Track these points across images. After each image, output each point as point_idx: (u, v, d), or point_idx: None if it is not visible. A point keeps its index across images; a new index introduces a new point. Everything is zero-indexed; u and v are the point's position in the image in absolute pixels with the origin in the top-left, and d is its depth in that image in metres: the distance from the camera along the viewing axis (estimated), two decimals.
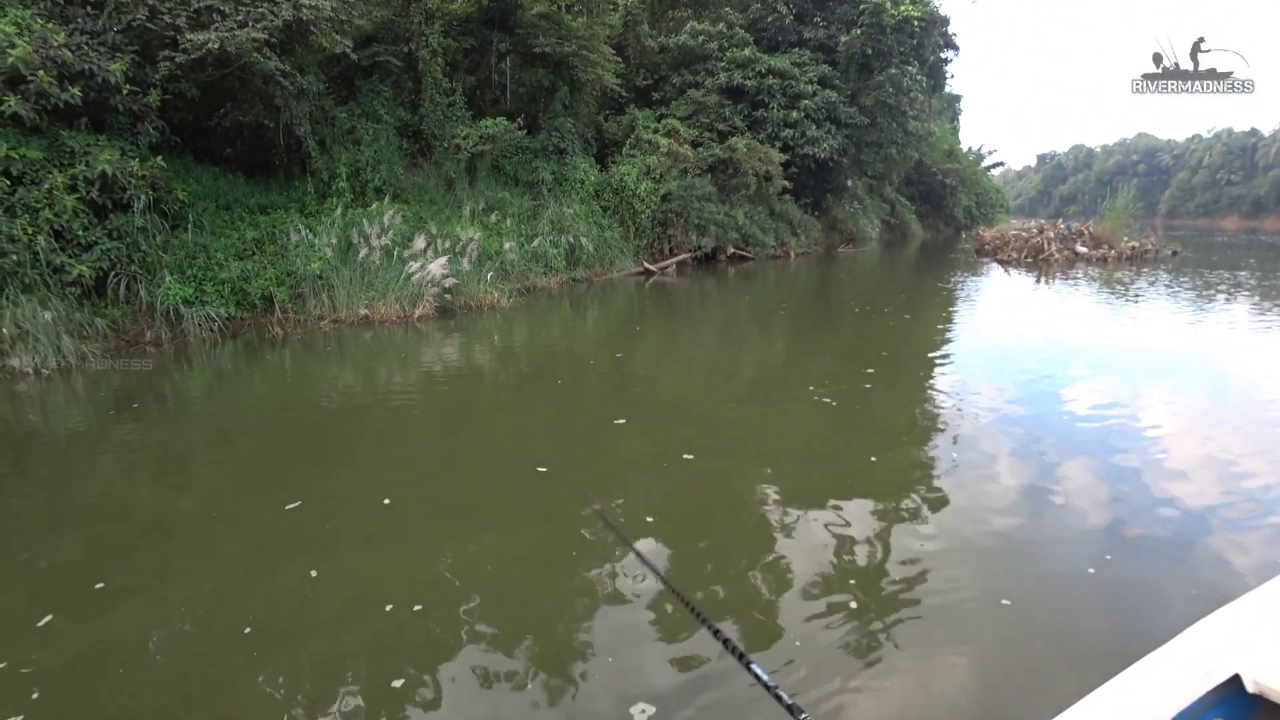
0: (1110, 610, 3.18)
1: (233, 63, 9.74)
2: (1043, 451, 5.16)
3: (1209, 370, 7.89)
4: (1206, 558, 3.64)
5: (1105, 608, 3.22)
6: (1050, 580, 3.49)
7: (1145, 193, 72.26)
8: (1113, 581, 3.41)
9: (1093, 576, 3.45)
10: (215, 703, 2.68)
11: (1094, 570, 3.50)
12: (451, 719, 2.60)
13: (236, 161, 12.29)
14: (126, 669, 2.86)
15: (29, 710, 2.58)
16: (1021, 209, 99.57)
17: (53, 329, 7.74)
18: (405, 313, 10.75)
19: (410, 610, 3.20)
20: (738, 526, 4.14)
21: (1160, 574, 3.52)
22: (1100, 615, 3.17)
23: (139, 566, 3.70)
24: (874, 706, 2.61)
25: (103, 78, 8.61)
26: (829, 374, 7.75)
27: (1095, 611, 3.20)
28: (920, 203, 41.27)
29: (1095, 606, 3.24)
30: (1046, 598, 3.34)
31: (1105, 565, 3.54)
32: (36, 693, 2.67)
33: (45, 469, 5.19)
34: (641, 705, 2.58)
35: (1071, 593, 3.36)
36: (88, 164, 8.42)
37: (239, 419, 6.54)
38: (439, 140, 14.53)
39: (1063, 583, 3.45)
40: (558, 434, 5.86)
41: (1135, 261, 20.90)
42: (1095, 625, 3.10)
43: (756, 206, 21.58)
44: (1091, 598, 3.31)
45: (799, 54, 22.60)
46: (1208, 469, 4.82)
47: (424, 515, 4.31)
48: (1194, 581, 3.41)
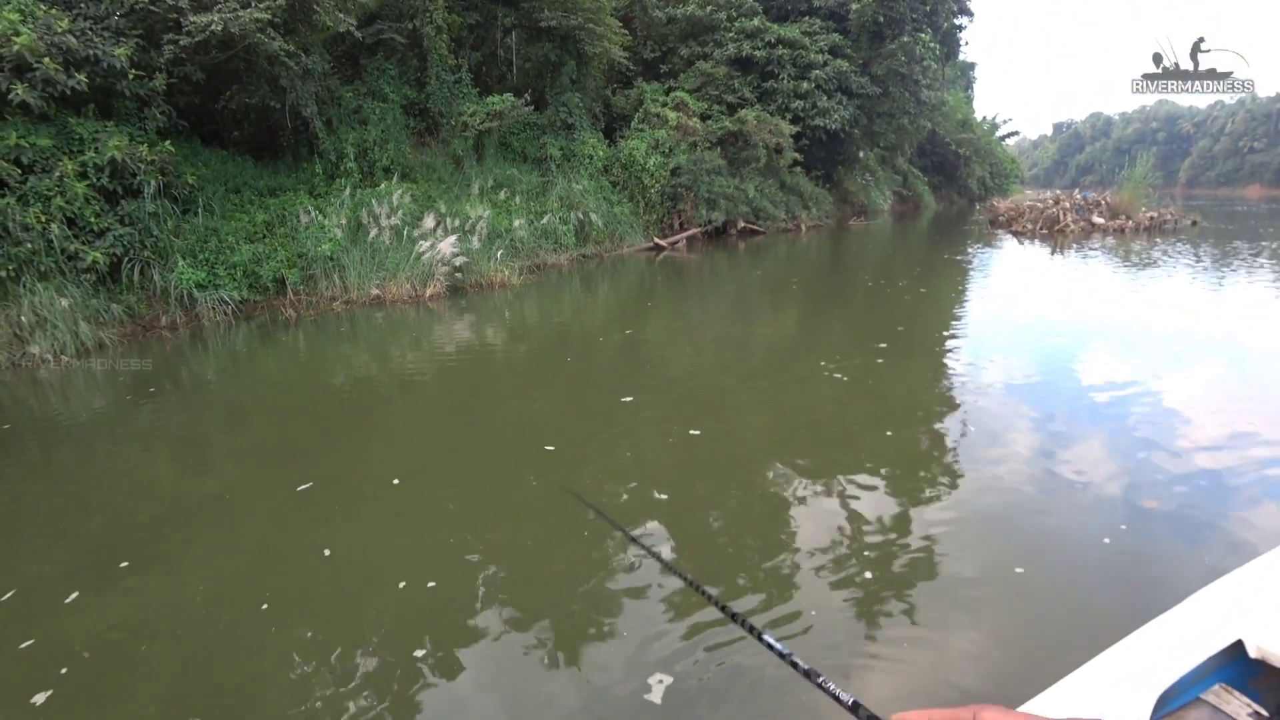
0: (1127, 579, 3.18)
1: (237, 44, 9.69)
2: (1057, 424, 5.12)
3: (1228, 344, 7.75)
4: (1221, 528, 3.62)
5: (1120, 577, 3.22)
6: (1065, 550, 3.48)
7: (1165, 161, 70.83)
8: (1128, 551, 3.40)
9: (1108, 546, 3.45)
10: (235, 676, 2.75)
11: (1109, 540, 3.50)
12: (472, 690, 2.65)
13: (244, 144, 12.29)
14: (150, 645, 2.93)
15: (58, 684, 2.65)
16: (1036, 179, 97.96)
17: (70, 316, 7.83)
18: (417, 292, 10.78)
19: (424, 586, 3.25)
20: (749, 501, 4.15)
21: (1176, 544, 3.51)
22: (1115, 584, 3.17)
23: (160, 546, 3.77)
24: (890, 675, 2.63)
25: (108, 63, 8.60)
26: (842, 349, 7.71)
27: (1110, 580, 3.20)
28: (933, 174, 40.68)
29: (1110, 574, 3.24)
30: (1061, 567, 3.33)
31: (1121, 535, 3.53)
32: (65, 668, 2.74)
33: (68, 453, 5.29)
34: (659, 675, 2.62)
35: (1086, 562, 3.36)
36: (97, 150, 8.45)
37: (255, 401, 6.62)
38: (446, 118, 14.43)
39: (1077, 552, 3.44)
40: (567, 412, 5.88)
41: (1153, 232, 20.53)
42: (1110, 593, 3.10)
43: (767, 179, 21.35)
44: (1107, 566, 3.31)
45: (809, 23, 22.17)
46: (1224, 441, 4.77)
47: (435, 495, 4.36)
48: (1209, 550, 3.39)
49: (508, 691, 2.64)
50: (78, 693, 2.64)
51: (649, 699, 2.51)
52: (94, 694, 2.66)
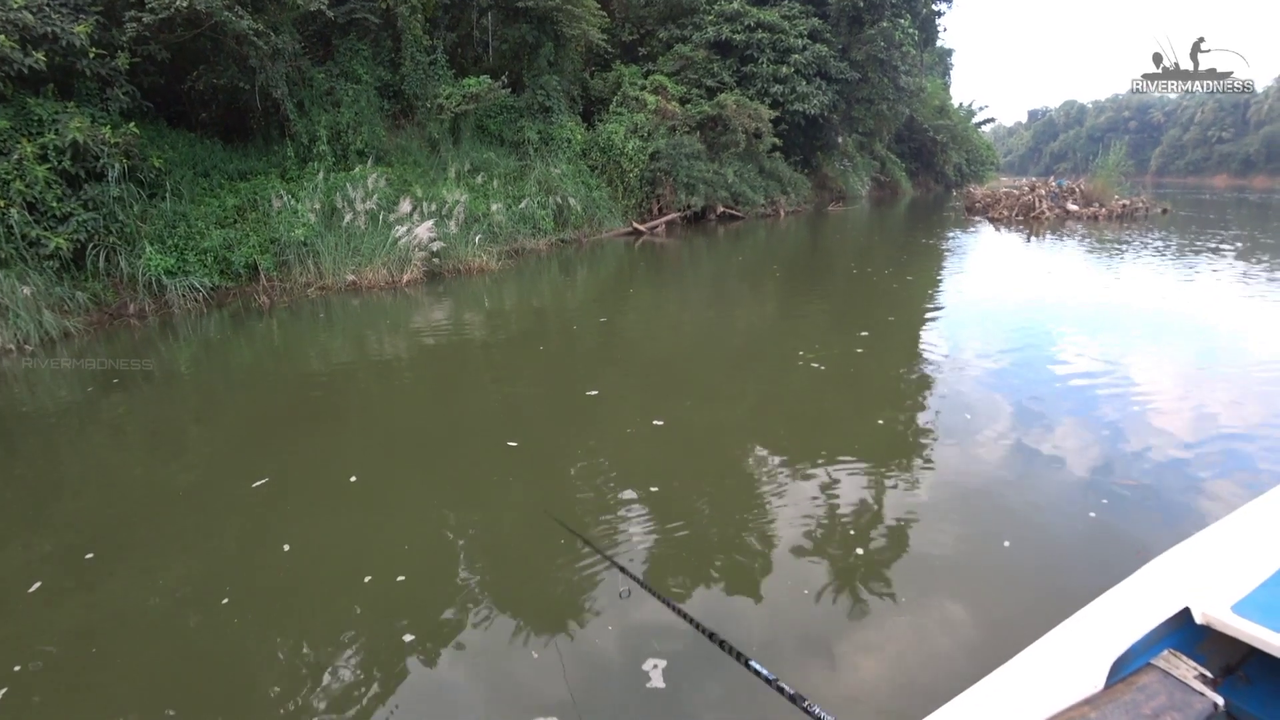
0: (1140, 545, 3.29)
1: (203, 22, 9.39)
2: (1038, 408, 5.21)
3: (1198, 326, 7.96)
4: (1184, 503, 3.77)
5: (1101, 550, 3.35)
6: (1050, 526, 3.61)
7: (1136, 150, 72.01)
8: (1106, 526, 3.50)
9: (1094, 520, 3.62)
10: (192, 672, 2.71)
11: (1095, 515, 3.67)
12: (467, 682, 2.63)
13: (213, 126, 11.96)
14: (107, 641, 2.88)
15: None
16: (1011, 166, 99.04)
17: (33, 304, 7.60)
18: (394, 278, 10.63)
19: (394, 580, 3.23)
20: (726, 492, 4.16)
21: (1155, 515, 3.65)
22: (1101, 556, 3.28)
23: (125, 539, 3.69)
24: (876, 660, 2.67)
25: (67, 41, 8.28)
26: (823, 336, 7.75)
27: (1093, 554, 3.32)
28: (911, 160, 40.93)
29: (1096, 548, 3.38)
30: (1045, 542, 3.46)
31: (1103, 510, 3.68)
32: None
33: (31, 446, 5.15)
34: (653, 661, 2.64)
35: (1068, 535, 3.51)
36: (57, 132, 8.16)
37: (227, 392, 6.48)
38: (421, 100, 14.16)
39: (1062, 527, 3.59)
40: (540, 401, 5.85)
41: (1126, 220, 20.87)
42: (1092, 566, 3.18)
43: (746, 164, 21.31)
44: (1092, 539, 3.45)
45: (789, 6, 22.07)
46: (1198, 420, 4.95)
47: (404, 488, 4.32)
48: (1185, 522, 3.48)
49: (490, 682, 2.64)
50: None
51: (651, 687, 2.53)
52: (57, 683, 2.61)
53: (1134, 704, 1.55)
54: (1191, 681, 1.60)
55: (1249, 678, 1.89)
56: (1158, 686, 1.60)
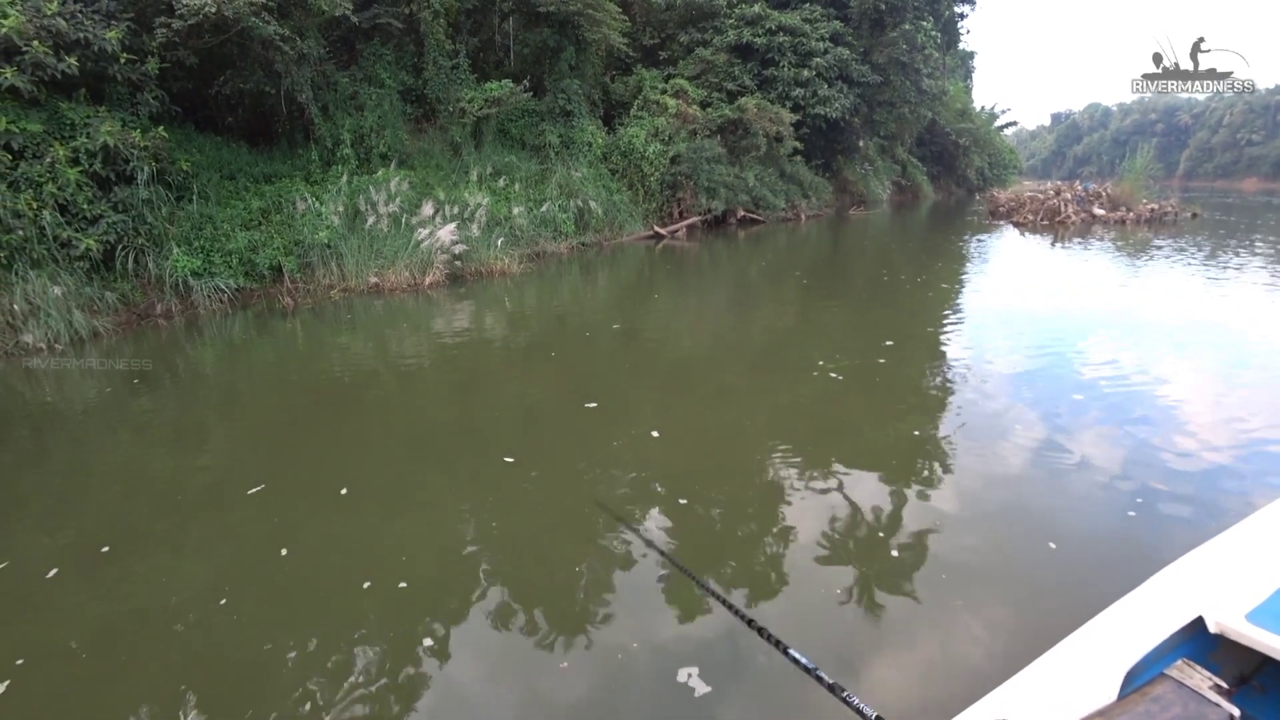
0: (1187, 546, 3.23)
1: (230, 27, 9.50)
2: (1062, 416, 5.11)
3: (1229, 334, 7.75)
4: (1219, 504, 3.70)
5: (1136, 552, 3.29)
6: (1089, 529, 3.54)
7: (1163, 153, 70.82)
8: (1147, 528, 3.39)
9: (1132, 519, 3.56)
10: (197, 670, 2.69)
11: (1134, 513, 3.61)
12: (490, 690, 2.58)
13: (239, 130, 12.11)
14: (115, 636, 2.87)
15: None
16: (1034, 170, 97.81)
17: (63, 304, 7.71)
18: (416, 280, 10.67)
19: (396, 587, 3.20)
20: (750, 500, 4.09)
21: (1189, 519, 3.56)
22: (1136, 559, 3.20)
23: (143, 532, 3.70)
24: (912, 659, 2.58)
25: (99, 46, 8.42)
26: (846, 345, 7.65)
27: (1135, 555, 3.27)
28: (932, 164, 40.50)
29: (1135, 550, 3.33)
30: (1089, 542, 3.42)
31: (1140, 509, 3.57)
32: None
33: (59, 441, 5.20)
34: (686, 670, 2.58)
35: (1112, 537, 3.46)
36: (89, 136, 8.29)
37: (250, 392, 6.52)
38: (443, 104, 14.25)
39: (1101, 530, 3.54)
40: (560, 405, 5.81)
41: (1154, 224, 20.48)
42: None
43: (767, 168, 21.20)
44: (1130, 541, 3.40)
45: (810, 9, 21.95)
46: (1229, 426, 4.84)
47: (419, 493, 4.29)
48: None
49: (513, 687, 2.58)
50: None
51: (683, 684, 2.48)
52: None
53: (1148, 715, 1.52)
54: (1206, 692, 1.56)
55: (1263, 687, 1.86)
56: (1172, 697, 1.55)
